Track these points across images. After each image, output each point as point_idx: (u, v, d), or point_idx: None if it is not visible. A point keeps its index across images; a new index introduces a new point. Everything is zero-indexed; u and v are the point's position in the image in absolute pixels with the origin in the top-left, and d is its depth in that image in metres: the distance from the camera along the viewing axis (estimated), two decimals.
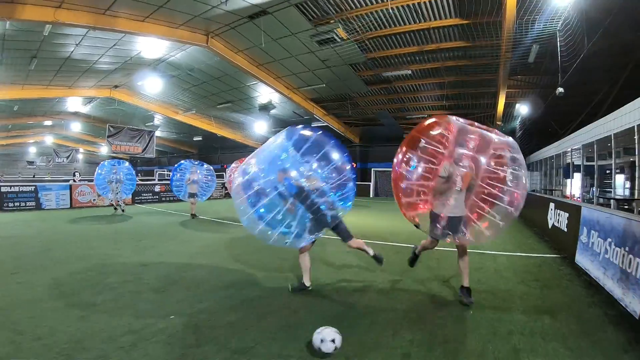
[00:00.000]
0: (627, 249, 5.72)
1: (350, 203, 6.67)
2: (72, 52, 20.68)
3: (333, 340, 4.23)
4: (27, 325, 4.92)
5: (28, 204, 20.54)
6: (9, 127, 43.45)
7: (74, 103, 35.03)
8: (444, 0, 14.61)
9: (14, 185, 20.97)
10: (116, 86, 29.13)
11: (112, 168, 18.46)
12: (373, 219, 17.70)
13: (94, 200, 22.13)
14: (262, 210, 6.01)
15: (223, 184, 29.43)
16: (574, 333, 4.84)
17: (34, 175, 52.11)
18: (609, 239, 6.52)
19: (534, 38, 14.92)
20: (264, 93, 27.69)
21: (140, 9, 15.86)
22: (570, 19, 12.64)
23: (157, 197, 25.76)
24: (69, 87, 27.85)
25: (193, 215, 17.23)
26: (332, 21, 16.59)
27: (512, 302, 6.13)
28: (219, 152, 51.14)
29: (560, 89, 15.33)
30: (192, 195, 17.40)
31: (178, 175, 18.13)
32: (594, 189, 15.41)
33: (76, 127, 44.09)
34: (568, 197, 17.41)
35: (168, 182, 21.32)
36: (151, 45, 20.05)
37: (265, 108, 29.04)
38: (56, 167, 64.49)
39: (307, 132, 6.45)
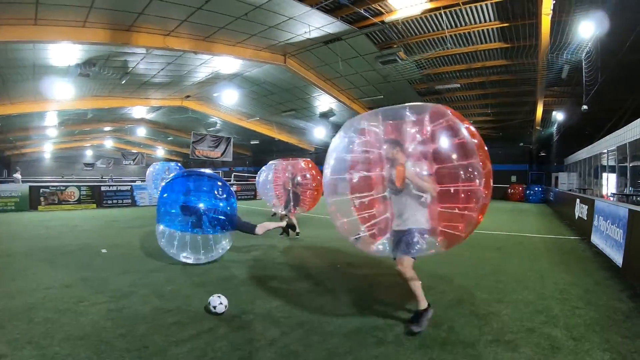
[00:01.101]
0: (615, 225, 8.90)
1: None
2: (161, 70, 24.17)
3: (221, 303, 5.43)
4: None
5: (125, 201, 23.84)
6: (75, 132, 46.48)
7: (140, 111, 38.22)
8: (489, 29, 17.09)
9: (112, 185, 24.45)
10: (188, 96, 32.07)
11: (164, 168, 18.88)
12: None
13: None
14: None
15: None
16: (579, 274, 8.18)
17: (102, 177, 55.18)
18: (608, 220, 9.69)
19: (565, 61, 17.51)
20: (326, 102, 30.12)
21: (234, 36, 18.94)
22: (593, 49, 15.41)
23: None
24: (146, 98, 31.30)
25: (274, 214, 17.58)
26: (394, 45, 19.21)
27: (541, 261, 9.42)
28: (274, 154, 51.06)
29: (585, 107, 18.18)
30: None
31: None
32: (629, 188, 16.62)
33: (141, 132, 47.25)
34: (605, 197, 18.42)
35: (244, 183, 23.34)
36: (230, 62, 22.85)
37: (326, 115, 31.34)
38: (117, 170, 67.98)
39: None
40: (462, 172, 4.93)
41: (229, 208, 8.63)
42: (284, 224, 10.31)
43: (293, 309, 5.73)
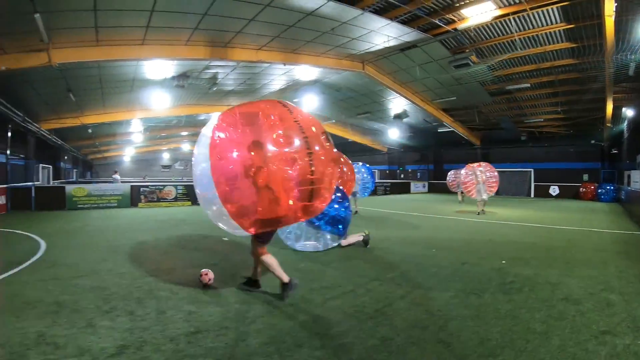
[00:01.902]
0: None
1: None
2: (247, 79, 25.98)
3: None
4: None
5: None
6: (157, 137, 49.25)
7: (217, 115, 39.76)
8: (556, 31, 17.66)
9: None
10: None
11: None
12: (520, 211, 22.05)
13: None
14: None
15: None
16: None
17: (182, 178, 57.44)
18: None
19: (632, 59, 17.99)
20: (400, 104, 30.91)
21: (319, 48, 20.30)
22: None
23: None
24: (228, 105, 32.05)
25: (355, 212, 18.15)
26: (467, 50, 20.02)
27: (606, 251, 10.62)
28: (346, 155, 52.94)
29: None
30: (353, 193, 17.73)
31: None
32: None
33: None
34: None
35: None
36: (310, 70, 24.09)
37: (399, 117, 31.89)
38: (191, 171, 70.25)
39: None
40: None
41: (343, 213, 10.12)
42: (360, 238, 10.71)
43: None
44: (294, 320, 5.22)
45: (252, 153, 5.41)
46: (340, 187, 10.86)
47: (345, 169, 13.47)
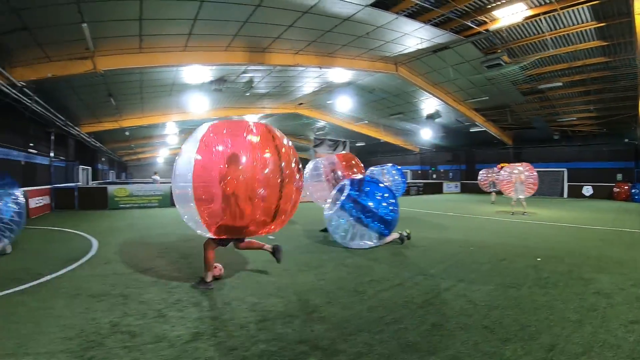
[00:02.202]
0: None
1: None
2: (282, 82, 26.48)
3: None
4: None
5: None
6: None
7: (252, 117, 39.44)
8: (587, 29, 17.72)
9: None
10: (301, 103, 33.93)
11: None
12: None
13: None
14: None
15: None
16: None
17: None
18: None
19: None
20: (433, 105, 31.02)
21: (354, 51, 20.68)
22: None
23: None
24: (262, 107, 33.99)
25: None
26: (499, 50, 20.20)
27: (638, 249, 10.79)
28: (378, 156, 53.99)
29: None
30: None
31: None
32: None
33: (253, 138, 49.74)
34: None
35: None
36: (344, 73, 24.25)
37: (432, 117, 31.89)
38: None
39: None
40: None
41: (392, 215, 10.71)
42: (397, 236, 11.20)
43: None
44: (351, 310, 5.75)
45: (226, 165, 6.17)
46: (392, 189, 11.42)
47: (355, 171, 13.86)
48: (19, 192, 10.21)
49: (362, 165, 14.52)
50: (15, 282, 7.30)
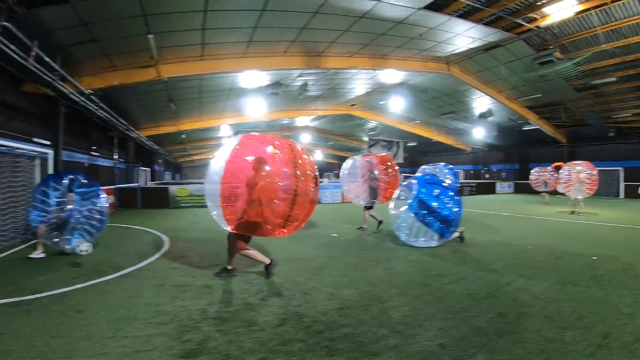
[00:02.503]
0: None
1: None
2: (336, 85, 27.08)
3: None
4: None
5: None
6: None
7: (305, 119, 41.86)
8: (639, 22, 17.41)
9: None
10: (353, 104, 34.30)
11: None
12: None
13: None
14: None
15: None
16: None
17: None
18: None
19: None
20: (485, 103, 30.89)
21: (406, 53, 20.99)
22: None
23: None
24: (315, 109, 34.50)
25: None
26: (550, 47, 20.10)
27: None
28: (430, 155, 53.15)
29: None
30: None
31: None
32: None
33: (304, 139, 50.24)
34: None
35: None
36: (395, 73, 24.40)
37: (484, 116, 31.85)
38: None
39: None
40: None
41: (454, 215, 11.03)
42: (457, 234, 11.62)
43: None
44: (421, 300, 6.27)
45: (253, 173, 7.18)
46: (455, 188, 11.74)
47: (390, 172, 14.34)
48: (103, 196, 11.06)
49: (397, 168, 14.98)
50: (98, 273, 8.13)
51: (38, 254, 9.59)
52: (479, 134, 37.98)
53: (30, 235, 12.45)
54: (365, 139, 45.63)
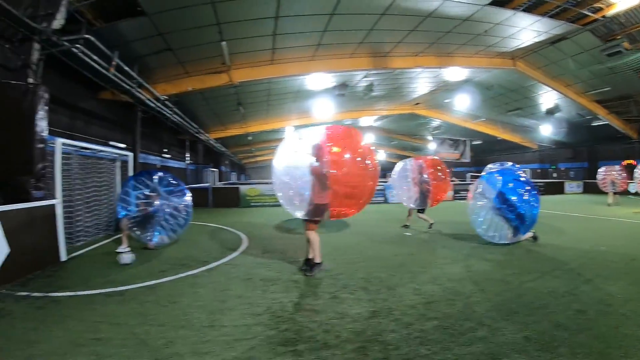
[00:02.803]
0: None
1: None
2: (400, 85, 27.48)
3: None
4: None
5: (378, 198, 26.93)
6: None
7: (368, 119, 42.03)
8: None
9: None
10: (417, 103, 34.43)
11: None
12: None
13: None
14: None
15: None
16: None
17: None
18: None
19: None
20: (552, 99, 30.30)
21: (472, 50, 21.10)
22: None
23: None
24: (379, 109, 35.07)
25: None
26: (618, 37, 19.58)
27: None
28: (494, 154, 52.20)
29: None
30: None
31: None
32: None
33: (369, 139, 50.27)
34: None
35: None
36: (460, 71, 24.22)
37: (551, 112, 31.16)
38: None
39: None
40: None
41: (531, 212, 11.14)
42: (531, 234, 11.57)
43: None
44: (502, 296, 6.50)
45: (326, 163, 7.70)
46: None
47: (440, 175, 14.30)
48: (189, 195, 11.98)
49: (448, 170, 14.97)
50: (185, 267, 8.71)
51: (124, 248, 10.21)
52: (546, 130, 37.33)
53: (112, 231, 13.62)
54: (429, 137, 45.52)
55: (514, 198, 10.96)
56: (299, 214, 8.20)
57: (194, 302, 6.29)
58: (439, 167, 14.38)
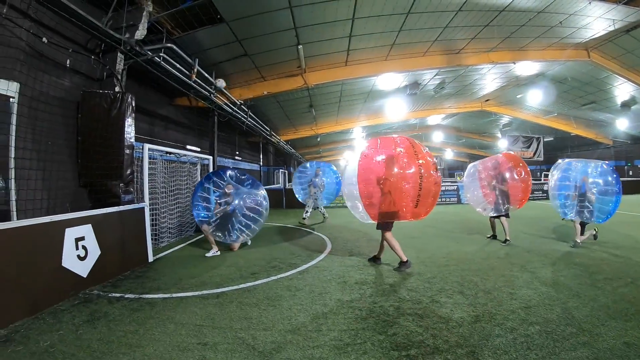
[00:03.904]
0: None
1: None
2: (472, 82, 27.04)
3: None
4: None
5: (451, 199, 27.09)
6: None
7: (435, 118, 41.50)
8: None
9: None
10: (487, 100, 33.85)
11: (315, 171, 17.75)
12: None
13: None
14: None
15: None
16: None
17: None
18: None
19: None
20: (628, 91, 29.10)
21: (544, 42, 20.62)
22: None
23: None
24: (449, 107, 34.78)
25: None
26: None
27: None
28: (567, 150, 51.96)
29: None
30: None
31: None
32: None
33: (436, 137, 50.18)
34: None
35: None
36: (530, 65, 23.88)
37: (627, 105, 30.27)
38: None
39: None
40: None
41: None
42: (594, 232, 11.71)
43: None
44: (597, 302, 6.39)
45: (383, 170, 8.52)
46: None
47: (523, 175, 12.50)
48: (263, 192, 12.16)
49: (528, 169, 13.13)
50: (276, 270, 8.97)
51: (214, 252, 10.82)
52: (622, 125, 36.06)
53: (193, 232, 14.41)
54: (499, 135, 44.80)
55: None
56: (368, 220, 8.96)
57: (294, 306, 6.44)
58: (520, 165, 12.51)
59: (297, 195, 18.48)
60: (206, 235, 11.13)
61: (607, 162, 12.73)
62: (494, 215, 12.39)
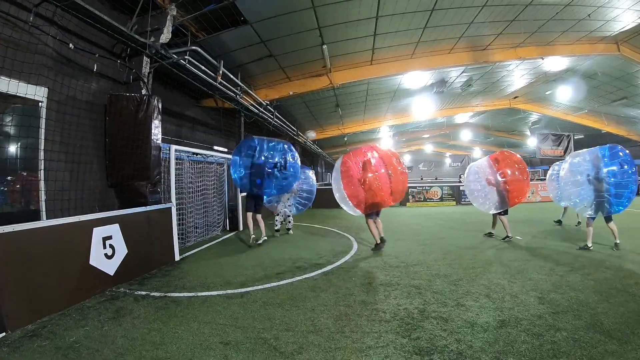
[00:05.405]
0: None
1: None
2: (499, 79, 26.82)
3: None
4: None
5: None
6: (401, 140, 52.79)
7: (463, 116, 41.17)
8: None
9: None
10: (516, 97, 33.36)
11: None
12: None
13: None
14: None
15: None
16: None
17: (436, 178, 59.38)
18: None
19: None
20: None
21: (573, 36, 20.25)
22: None
23: None
24: (476, 105, 34.31)
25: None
26: None
27: None
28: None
29: None
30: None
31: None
32: None
33: (465, 136, 49.86)
34: None
35: None
36: (559, 60, 23.61)
37: None
38: (437, 172, 73.46)
39: None
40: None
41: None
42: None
43: None
44: (627, 307, 6.19)
45: (361, 172, 10.95)
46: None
47: (517, 174, 12.45)
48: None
49: (527, 168, 13.08)
50: (300, 270, 9.05)
51: (262, 239, 12.66)
52: None
53: (220, 231, 14.98)
54: (528, 133, 44.30)
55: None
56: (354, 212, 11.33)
57: (317, 307, 6.47)
58: (517, 166, 12.56)
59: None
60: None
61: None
62: (495, 212, 12.83)
